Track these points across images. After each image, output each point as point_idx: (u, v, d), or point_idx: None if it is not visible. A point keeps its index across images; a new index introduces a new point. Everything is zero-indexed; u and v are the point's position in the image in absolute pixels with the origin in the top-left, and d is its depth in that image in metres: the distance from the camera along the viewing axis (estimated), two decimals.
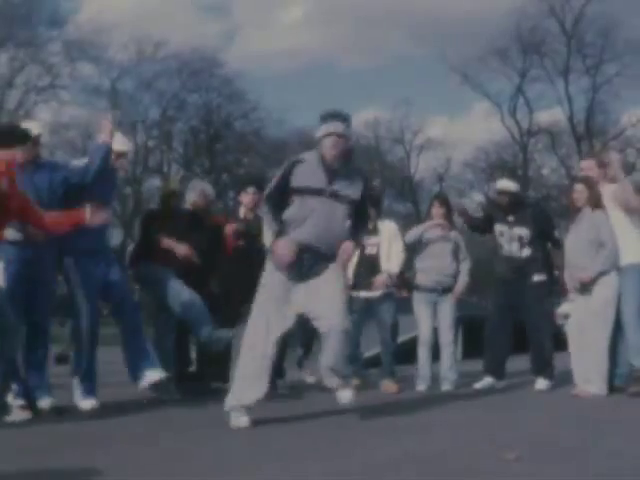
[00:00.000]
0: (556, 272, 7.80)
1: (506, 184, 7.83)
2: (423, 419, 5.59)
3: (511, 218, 7.58)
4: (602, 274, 6.73)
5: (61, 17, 38.28)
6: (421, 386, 7.57)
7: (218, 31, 58.74)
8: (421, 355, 7.67)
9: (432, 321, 7.67)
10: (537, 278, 7.44)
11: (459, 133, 54.01)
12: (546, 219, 7.93)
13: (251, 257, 7.60)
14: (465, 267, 7.80)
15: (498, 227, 7.66)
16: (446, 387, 7.54)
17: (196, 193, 7.70)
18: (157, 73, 40.17)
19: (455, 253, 7.75)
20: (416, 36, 56.54)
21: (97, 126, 6.28)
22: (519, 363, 8.21)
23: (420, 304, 7.71)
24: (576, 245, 6.91)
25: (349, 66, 60.61)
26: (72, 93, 40.13)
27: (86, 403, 6.04)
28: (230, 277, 7.65)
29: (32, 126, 6.05)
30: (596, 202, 6.87)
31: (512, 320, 7.63)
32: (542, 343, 7.46)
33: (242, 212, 7.85)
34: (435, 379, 7.65)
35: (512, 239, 7.54)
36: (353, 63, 60.53)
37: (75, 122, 38.65)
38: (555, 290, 8.00)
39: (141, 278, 7.36)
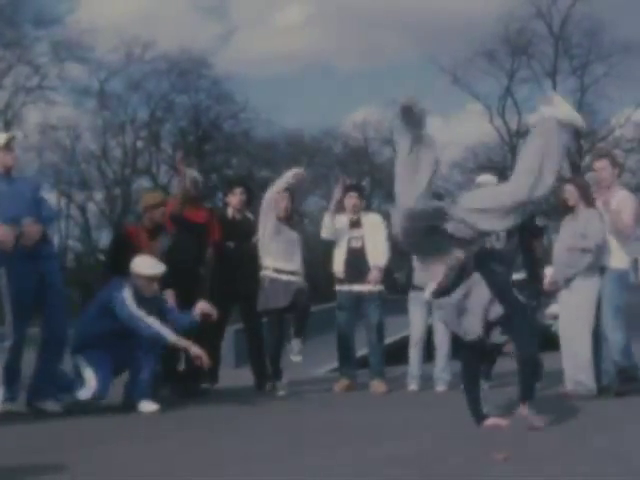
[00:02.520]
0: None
1: (487, 178, 7.82)
2: (412, 419, 5.59)
3: None
4: (586, 274, 6.74)
5: (48, 17, 37.94)
6: (412, 385, 7.55)
7: (215, 33, 58.78)
8: (412, 355, 7.61)
9: (425, 321, 7.62)
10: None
11: (453, 134, 54.16)
12: None
13: (240, 258, 7.61)
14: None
15: None
16: (440, 388, 7.50)
17: (189, 180, 7.57)
18: (146, 74, 40.16)
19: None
20: (412, 38, 56.68)
21: None
22: (506, 364, 8.20)
23: (416, 303, 7.60)
24: (565, 243, 6.91)
25: (346, 68, 60.73)
26: (61, 94, 39.99)
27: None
28: (220, 277, 7.65)
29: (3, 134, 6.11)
30: (588, 200, 6.85)
31: None
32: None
33: (230, 213, 7.84)
34: (426, 379, 7.63)
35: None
36: (350, 65, 60.66)
37: (64, 123, 38.57)
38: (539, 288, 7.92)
39: None
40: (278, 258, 7.44)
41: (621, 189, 6.99)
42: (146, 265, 6.26)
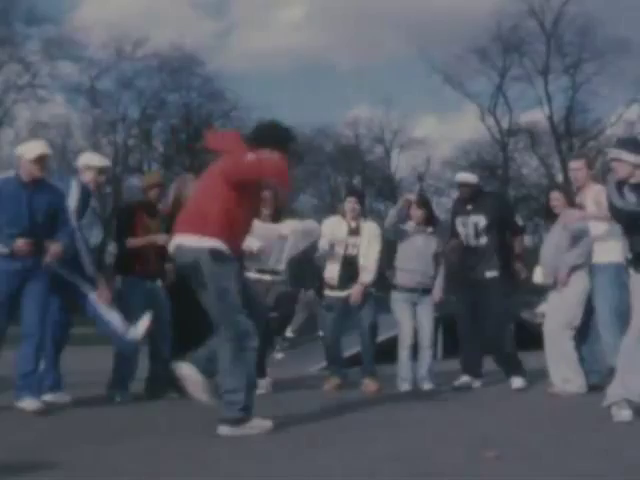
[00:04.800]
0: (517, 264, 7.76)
1: (465, 176, 7.89)
2: (403, 418, 5.60)
3: (469, 207, 7.60)
4: (574, 269, 6.80)
5: (39, 15, 37.70)
6: (404, 386, 7.56)
7: (214, 30, 58.52)
8: (402, 356, 7.63)
9: (413, 322, 7.65)
10: (489, 274, 7.42)
11: (448, 132, 54.14)
12: (506, 207, 8.01)
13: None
14: (443, 270, 7.78)
15: (459, 219, 7.65)
16: (426, 387, 7.54)
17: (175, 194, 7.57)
18: (137, 72, 40.04)
19: (436, 254, 7.73)
20: (408, 36, 56.52)
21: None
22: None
23: (400, 305, 7.66)
24: (551, 246, 6.98)
25: (344, 66, 60.50)
26: (52, 92, 39.79)
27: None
28: None
29: (37, 146, 6.24)
30: (573, 205, 6.94)
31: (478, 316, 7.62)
32: (502, 343, 7.48)
33: None
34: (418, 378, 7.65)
35: (468, 227, 7.56)
36: (348, 63, 60.47)
37: (55, 121, 38.44)
38: (514, 284, 7.99)
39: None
40: (258, 258, 7.44)
41: (594, 184, 7.03)
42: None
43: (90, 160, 6.83)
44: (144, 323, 6.26)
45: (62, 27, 38.77)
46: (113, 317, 6.26)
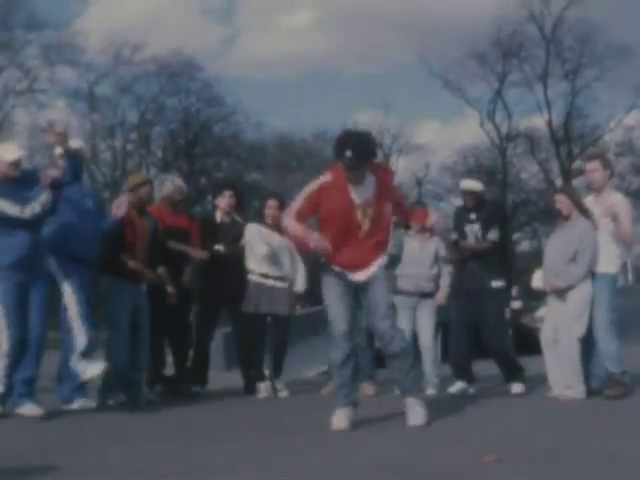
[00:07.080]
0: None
1: (469, 184, 7.83)
2: (402, 422, 5.57)
3: (473, 216, 7.53)
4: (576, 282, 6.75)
5: (39, 20, 37.75)
6: (398, 390, 7.54)
7: (221, 35, 58.77)
8: None
9: (412, 326, 7.63)
10: (495, 284, 7.38)
11: (447, 138, 54.35)
12: (503, 215, 7.96)
13: (228, 261, 7.59)
14: (446, 273, 7.74)
15: (467, 229, 7.57)
16: (429, 391, 7.51)
17: (173, 187, 7.61)
18: (136, 76, 40.09)
19: (435, 258, 7.70)
20: (414, 42, 56.75)
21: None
22: (494, 367, 8.20)
23: (400, 309, 7.66)
24: (556, 250, 6.91)
25: (349, 72, 60.76)
26: (51, 97, 39.81)
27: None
28: (208, 280, 7.64)
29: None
30: (581, 208, 6.83)
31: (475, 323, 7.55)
32: (502, 350, 7.44)
33: (219, 216, 7.81)
34: None
35: (471, 236, 7.51)
36: (353, 69, 60.69)
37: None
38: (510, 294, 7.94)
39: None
40: (263, 263, 7.44)
41: (615, 192, 6.99)
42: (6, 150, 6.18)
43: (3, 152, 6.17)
44: (97, 370, 6.16)
45: (61, 32, 38.69)
46: (80, 338, 6.17)
